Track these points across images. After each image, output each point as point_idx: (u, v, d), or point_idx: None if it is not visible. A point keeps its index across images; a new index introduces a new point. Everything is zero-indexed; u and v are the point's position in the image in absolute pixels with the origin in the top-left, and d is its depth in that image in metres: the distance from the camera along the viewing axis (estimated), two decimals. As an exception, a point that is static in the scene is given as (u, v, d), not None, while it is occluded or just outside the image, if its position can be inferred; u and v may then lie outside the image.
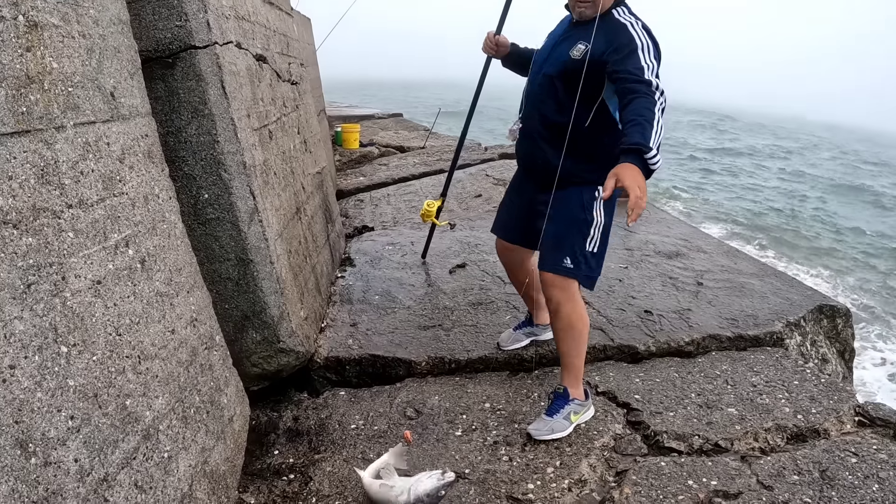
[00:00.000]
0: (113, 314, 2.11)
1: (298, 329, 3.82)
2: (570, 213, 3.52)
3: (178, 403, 2.45)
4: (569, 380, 3.64)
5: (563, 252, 3.50)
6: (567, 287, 3.53)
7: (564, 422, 3.56)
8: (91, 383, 1.94)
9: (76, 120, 2.05)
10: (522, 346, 4.43)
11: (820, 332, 5.20)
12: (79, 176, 2.03)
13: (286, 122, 4.57)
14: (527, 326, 4.46)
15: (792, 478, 3.17)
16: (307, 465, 3.38)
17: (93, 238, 2.06)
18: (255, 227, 3.37)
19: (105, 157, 2.19)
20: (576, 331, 3.59)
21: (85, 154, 2.08)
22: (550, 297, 3.57)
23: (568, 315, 3.55)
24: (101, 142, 2.18)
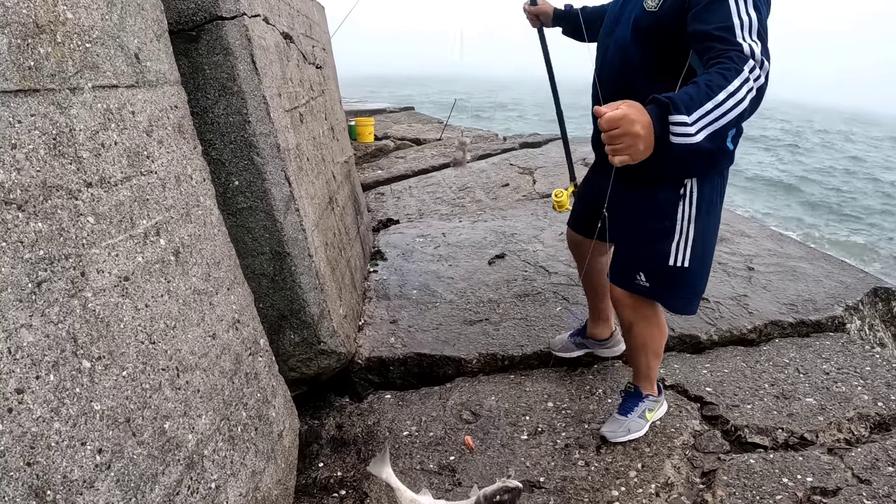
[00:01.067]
0: (145, 317, 1.75)
1: (339, 328, 3.48)
2: (644, 219, 2.86)
3: (224, 422, 2.09)
4: (641, 382, 3.31)
5: (635, 266, 2.93)
6: (640, 307, 3.03)
7: (640, 420, 3.25)
8: (122, 405, 1.58)
9: (95, 82, 1.71)
10: (574, 356, 3.94)
11: (876, 316, 4.96)
12: (99, 149, 1.68)
13: (314, 107, 4.24)
14: (579, 336, 3.95)
15: (887, 469, 2.94)
16: (359, 480, 3.05)
17: (118, 224, 1.70)
18: (291, 216, 3.03)
19: (130, 129, 1.84)
20: (649, 350, 3.17)
21: (106, 123, 1.73)
22: (621, 315, 3.12)
23: (641, 334, 3.12)
24: (124, 110, 1.83)
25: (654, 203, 2.80)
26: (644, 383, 3.27)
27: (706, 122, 2.01)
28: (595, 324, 3.82)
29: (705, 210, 2.77)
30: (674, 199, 2.76)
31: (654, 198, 2.80)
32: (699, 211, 2.76)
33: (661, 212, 2.79)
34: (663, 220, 2.78)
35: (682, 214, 2.77)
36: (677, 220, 2.77)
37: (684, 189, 2.73)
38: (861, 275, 5.23)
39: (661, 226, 2.79)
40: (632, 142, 1.95)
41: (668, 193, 2.77)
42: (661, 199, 2.78)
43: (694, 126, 1.99)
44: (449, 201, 7.99)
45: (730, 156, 2.76)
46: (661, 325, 3.14)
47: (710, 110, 2.01)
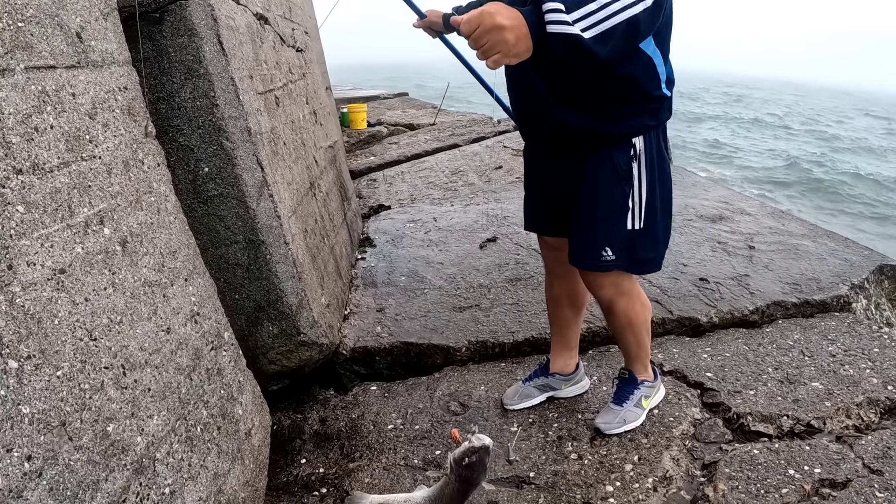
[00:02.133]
0: (84, 312, 1.61)
1: (320, 318, 3.34)
2: (601, 187, 2.66)
3: (180, 422, 1.95)
4: (634, 366, 3.12)
5: (598, 241, 2.69)
6: (619, 283, 2.81)
7: (636, 409, 3.09)
8: (56, 408, 1.44)
9: (28, 62, 1.58)
10: (535, 404, 3.35)
11: (882, 295, 4.84)
12: (31, 133, 1.55)
13: (293, 90, 4.09)
14: (540, 377, 3.39)
15: (900, 458, 2.78)
16: (341, 476, 2.91)
17: (53, 213, 1.56)
18: (264, 202, 2.89)
19: (69, 111, 1.71)
20: (636, 326, 2.95)
21: (41, 105, 1.59)
22: (599, 297, 2.89)
23: (624, 312, 2.89)
24: (63, 92, 1.70)
25: (608, 170, 2.62)
26: (637, 367, 3.10)
27: (590, 18, 1.96)
28: (562, 355, 3.36)
29: (658, 164, 2.65)
30: (626, 160, 2.60)
31: (607, 164, 2.61)
32: (652, 167, 2.63)
33: (617, 176, 2.61)
34: (621, 184, 2.62)
35: (637, 175, 2.62)
36: (634, 182, 2.63)
37: (634, 149, 2.59)
38: (866, 252, 5.11)
39: (620, 191, 2.63)
40: (498, 36, 1.88)
41: (620, 157, 2.60)
42: (615, 163, 2.60)
43: (572, 16, 1.94)
44: (441, 185, 7.85)
45: (667, 103, 2.62)
46: (642, 299, 2.95)
47: (593, 10, 1.97)
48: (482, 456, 2.31)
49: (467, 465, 2.31)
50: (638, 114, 2.52)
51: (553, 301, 3.30)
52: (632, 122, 2.54)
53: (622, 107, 2.51)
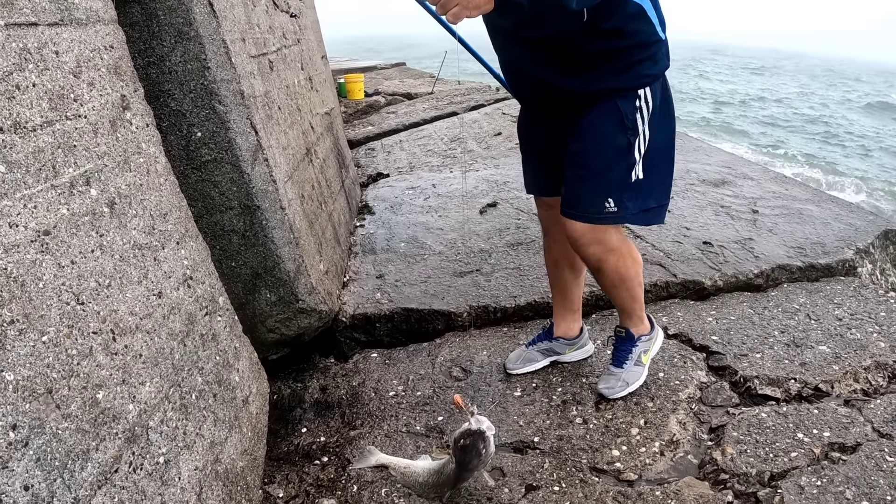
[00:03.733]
0: (70, 276, 1.54)
1: (319, 285, 3.28)
2: (605, 136, 2.57)
3: (174, 389, 1.89)
4: (631, 320, 3.03)
5: (600, 192, 2.59)
6: (607, 239, 2.68)
7: (637, 368, 3.03)
8: (42, 374, 1.38)
9: (9, 19, 1.51)
10: (538, 368, 3.30)
11: (887, 260, 4.78)
12: (12, 91, 1.48)
13: (288, 56, 4.00)
14: (544, 340, 3.33)
15: (909, 423, 2.72)
16: (342, 445, 2.87)
17: (36, 173, 1.49)
18: (259, 166, 2.82)
19: (52, 69, 1.64)
20: (628, 282, 2.84)
21: (22, 63, 1.52)
22: (586, 255, 2.74)
23: (615, 270, 2.77)
24: (45, 49, 1.62)
25: (613, 118, 2.54)
26: (633, 321, 3.01)
27: None
28: (565, 318, 3.30)
29: (661, 113, 2.61)
30: (632, 110, 2.53)
31: (612, 112, 2.53)
32: (654, 117, 2.57)
33: (623, 126, 2.54)
34: (626, 134, 2.54)
35: (641, 125, 2.55)
36: (639, 131, 2.55)
37: (639, 99, 2.52)
38: (871, 217, 5.05)
39: (625, 140, 2.55)
40: None
41: (626, 106, 2.52)
42: (621, 112, 2.52)
43: None
44: (440, 153, 7.77)
45: (664, 48, 2.56)
46: (633, 253, 2.84)
47: None
48: (475, 441, 2.27)
49: (461, 447, 2.28)
50: (637, 63, 2.45)
51: (552, 263, 3.23)
52: (634, 72, 2.47)
53: (618, 60, 2.46)
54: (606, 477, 2.57)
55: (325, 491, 2.59)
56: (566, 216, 2.68)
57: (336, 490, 2.59)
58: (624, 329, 3.03)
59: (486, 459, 2.34)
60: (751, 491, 2.43)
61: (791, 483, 2.42)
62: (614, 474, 2.58)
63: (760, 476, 2.49)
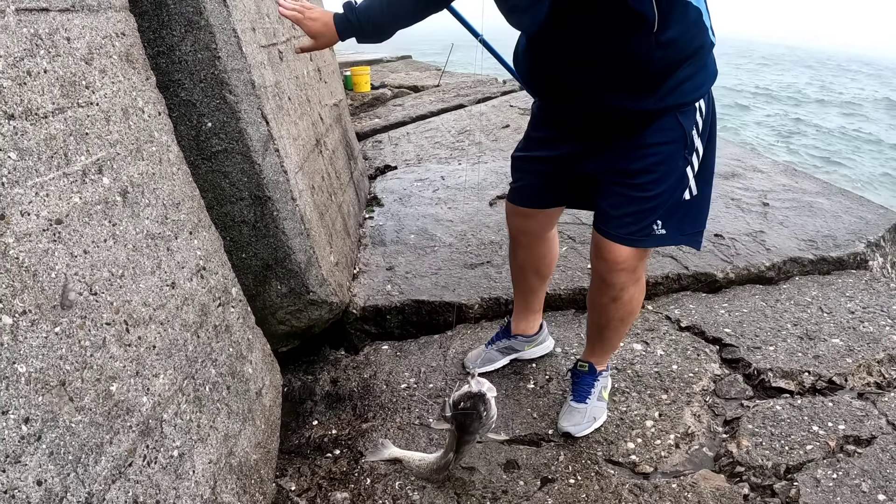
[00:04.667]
0: (83, 265, 1.52)
1: (329, 276, 3.26)
2: (668, 158, 2.35)
3: (188, 381, 1.87)
4: (601, 358, 2.88)
5: (650, 213, 2.39)
6: (639, 267, 2.55)
7: (600, 403, 2.86)
8: (55, 366, 1.36)
9: (20, 4, 1.48)
10: (496, 367, 3.25)
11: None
12: (24, 77, 1.45)
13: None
14: (503, 339, 3.28)
15: (923, 417, 2.71)
16: (354, 437, 2.85)
17: (48, 161, 1.47)
18: (270, 157, 2.79)
19: (64, 56, 1.61)
20: (632, 316, 2.71)
21: (33, 49, 1.49)
22: (614, 282, 2.53)
23: (631, 301, 2.62)
24: (57, 35, 1.59)
25: (678, 135, 2.31)
26: (603, 359, 2.88)
27: None
28: (525, 317, 3.24)
29: (711, 123, 2.40)
30: (691, 125, 2.31)
31: (675, 130, 2.31)
32: (704, 131, 2.36)
33: (685, 143, 2.32)
34: (685, 154, 2.33)
35: (698, 138, 2.33)
36: (696, 146, 2.34)
37: (697, 112, 2.31)
38: (881, 210, 5.02)
39: (685, 162, 2.34)
40: None
41: (687, 121, 2.30)
42: (683, 128, 2.31)
43: None
44: (448, 145, 7.73)
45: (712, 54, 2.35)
46: (645, 288, 2.71)
47: None
48: (476, 403, 2.24)
49: (462, 409, 2.26)
50: (696, 73, 2.25)
51: (517, 268, 3.12)
52: (693, 83, 2.27)
53: (680, 73, 2.22)
54: (622, 469, 2.56)
55: (337, 484, 2.58)
56: (609, 238, 2.47)
57: (349, 483, 2.57)
58: (588, 364, 2.86)
59: (488, 423, 2.30)
60: (767, 483, 2.42)
61: (807, 476, 2.42)
62: (630, 467, 2.57)
63: (776, 469, 2.48)
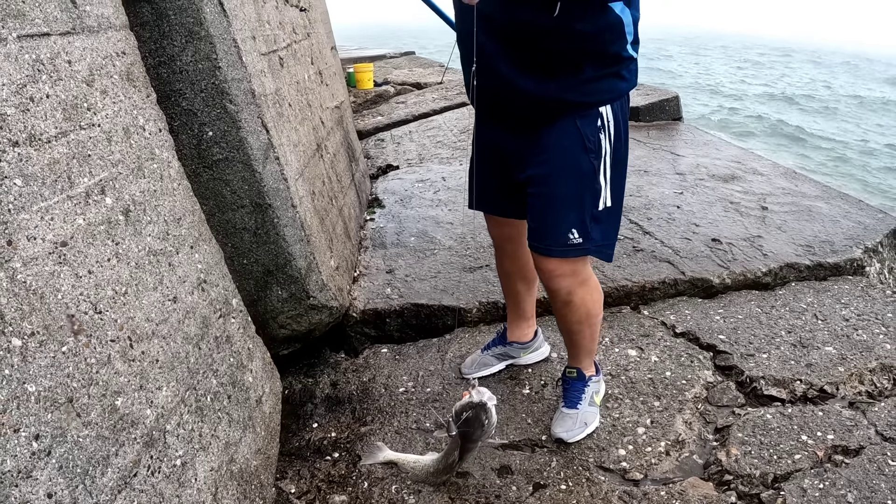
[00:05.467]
0: (87, 285, 1.58)
1: (329, 281, 3.31)
2: (569, 161, 2.40)
3: (190, 392, 1.93)
4: (584, 361, 2.89)
5: (564, 222, 2.43)
6: (578, 271, 2.56)
7: (592, 408, 2.88)
8: (62, 384, 1.42)
9: (21, 31, 1.53)
10: (492, 373, 3.31)
11: None
12: (27, 103, 1.50)
13: (298, 51, 4.01)
14: (498, 345, 3.33)
15: (913, 427, 2.75)
16: (353, 441, 2.91)
17: (52, 185, 1.53)
18: (270, 165, 2.84)
19: (66, 79, 1.66)
20: (593, 317, 2.72)
21: (35, 75, 1.55)
22: (557, 288, 2.58)
23: (584, 304, 2.64)
24: (58, 59, 1.65)
25: (573, 141, 2.36)
26: (586, 362, 2.89)
27: None
28: (518, 325, 3.28)
29: (623, 137, 2.44)
30: (594, 131, 2.35)
31: (572, 134, 2.36)
32: (617, 139, 2.41)
33: (586, 149, 2.36)
34: (589, 159, 2.38)
35: (607, 148, 2.39)
36: (602, 155, 2.39)
37: (602, 118, 2.35)
38: (880, 215, 5.04)
39: (589, 167, 2.38)
40: None
41: (586, 127, 2.35)
42: (581, 134, 2.35)
43: None
44: (450, 144, 7.76)
45: (634, 66, 2.41)
46: (598, 286, 2.73)
47: None
48: (478, 413, 2.30)
49: (465, 420, 2.30)
50: (605, 77, 2.30)
51: (504, 275, 3.17)
52: (599, 87, 2.32)
53: (586, 70, 2.28)
54: (612, 476, 2.61)
55: (336, 487, 2.63)
56: (533, 249, 2.57)
57: (347, 486, 2.63)
58: (575, 369, 2.89)
59: (490, 430, 2.36)
60: (754, 492, 2.47)
61: (794, 485, 2.46)
62: (620, 473, 2.62)
63: (764, 478, 2.52)
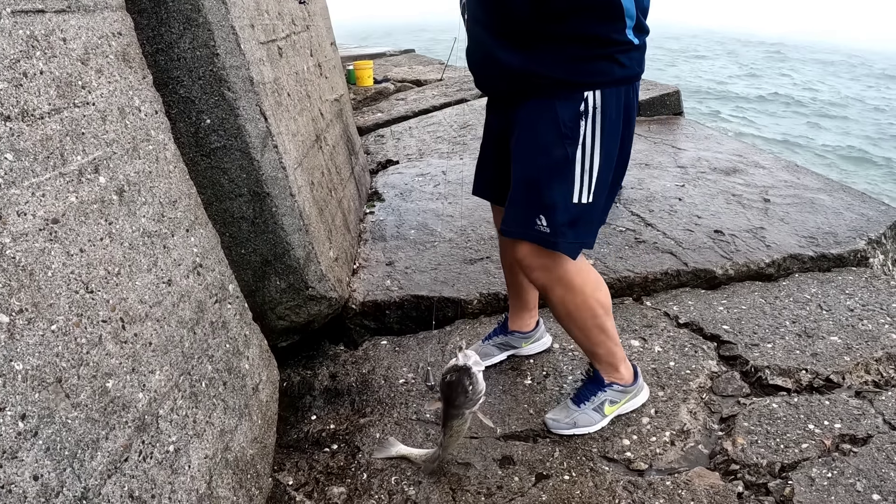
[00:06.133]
0: (79, 264, 1.53)
1: (329, 272, 3.27)
2: (539, 142, 2.26)
3: (184, 377, 1.89)
4: (598, 364, 2.74)
5: (531, 206, 2.29)
6: (549, 266, 2.40)
7: (594, 414, 2.73)
8: (51, 364, 1.38)
9: (15, 6, 1.50)
10: (494, 362, 3.23)
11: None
12: (20, 79, 1.47)
13: (297, 42, 3.98)
14: (500, 335, 3.25)
15: (921, 417, 2.69)
16: (352, 432, 2.86)
17: (44, 161, 1.49)
18: (269, 153, 2.81)
19: (60, 57, 1.62)
20: (577, 320, 2.55)
21: (29, 51, 1.51)
22: (533, 280, 2.50)
23: (561, 302, 2.49)
24: (53, 37, 1.61)
25: (550, 122, 2.20)
26: (602, 365, 2.72)
27: None
28: (519, 314, 3.20)
29: (615, 129, 2.24)
30: (572, 116, 2.18)
31: (547, 116, 2.21)
32: (606, 130, 2.21)
33: (559, 133, 2.19)
34: (563, 144, 2.20)
35: (589, 136, 2.20)
36: (583, 145, 2.20)
37: (585, 103, 2.16)
38: (883, 207, 4.99)
39: (562, 152, 2.21)
40: None
41: (563, 109, 2.18)
42: (559, 116, 2.18)
43: None
44: (450, 140, 7.73)
45: (635, 54, 2.22)
46: (584, 290, 2.49)
47: None
48: (461, 377, 2.23)
49: (447, 382, 2.26)
50: (592, 59, 2.13)
51: (507, 267, 3.07)
52: (584, 68, 2.14)
53: (567, 48, 2.13)
54: (617, 466, 2.57)
55: (334, 479, 2.59)
56: (503, 234, 2.49)
57: (346, 478, 2.59)
58: (593, 370, 2.77)
59: (475, 398, 2.26)
60: (761, 482, 2.42)
61: (802, 474, 2.42)
62: (625, 463, 2.58)
63: (771, 467, 2.48)
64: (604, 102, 2.17)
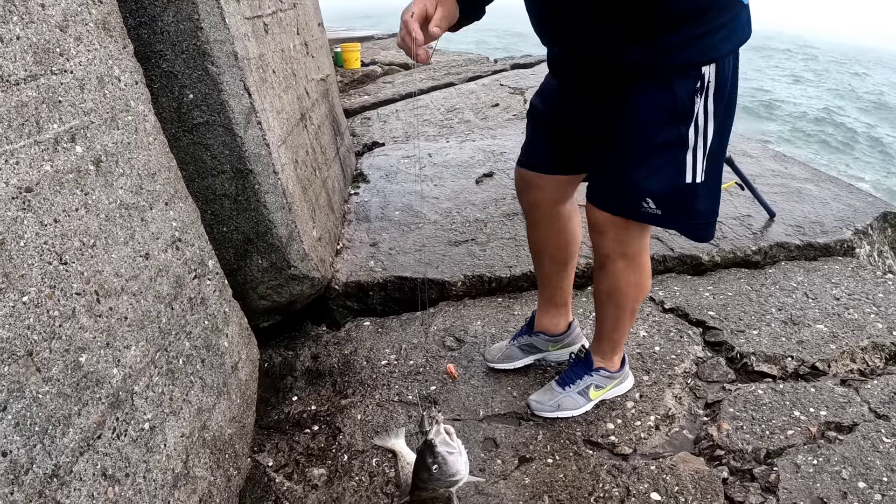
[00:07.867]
0: (53, 234, 1.49)
1: (311, 251, 3.23)
2: (653, 126, 2.06)
3: (161, 353, 1.84)
4: (600, 347, 2.67)
5: (638, 188, 2.11)
6: (629, 239, 2.28)
7: (578, 398, 2.67)
8: (21, 336, 1.33)
9: (-9, -31, 1.43)
10: (519, 366, 3.01)
11: (885, 242, 4.77)
12: (-8, 42, 1.41)
13: (283, 19, 3.92)
14: (525, 334, 2.99)
15: (906, 405, 2.70)
16: (333, 413, 2.82)
17: (18, 128, 1.43)
18: (252, 129, 2.75)
19: (38, 22, 1.57)
20: (621, 299, 2.45)
21: (6, 15, 1.46)
22: (597, 245, 2.33)
23: (616, 276, 2.36)
24: (31, 2, 1.56)
25: (666, 103, 2.01)
26: (603, 349, 2.66)
27: None
28: (548, 311, 2.92)
29: (726, 103, 2.04)
30: (689, 94, 1.98)
31: (666, 96, 2.00)
32: (717, 106, 2.01)
33: (676, 114, 2.01)
34: (678, 124, 2.02)
35: (702, 113, 2.01)
36: (697, 123, 2.02)
37: (702, 80, 1.97)
38: (870, 199, 5.00)
39: (675, 133, 2.03)
40: None
41: (683, 88, 1.98)
42: (677, 96, 1.99)
43: None
44: (437, 123, 7.69)
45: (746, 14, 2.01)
46: (645, 271, 2.42)
47: None
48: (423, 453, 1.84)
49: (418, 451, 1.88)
50: (713, 31, 1.93)
51: (534, 249, 2.82)
52: (704, 43, 1.95)
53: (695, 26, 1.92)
54: (601, 450, 2.55)
55: (315, 460, 2.56)
56: (589, 200, 2.27)
57: (326, 459, 2.55)
58: (585, 351, 2.71)
59: (443, 479, 1.87)
60: (746, 468, 2.40)
61: (787, 461, 2.40)
62: (609, 448, 2.55)
63: (756, 453, 2.46)
64: (719, 75, 1.99)
